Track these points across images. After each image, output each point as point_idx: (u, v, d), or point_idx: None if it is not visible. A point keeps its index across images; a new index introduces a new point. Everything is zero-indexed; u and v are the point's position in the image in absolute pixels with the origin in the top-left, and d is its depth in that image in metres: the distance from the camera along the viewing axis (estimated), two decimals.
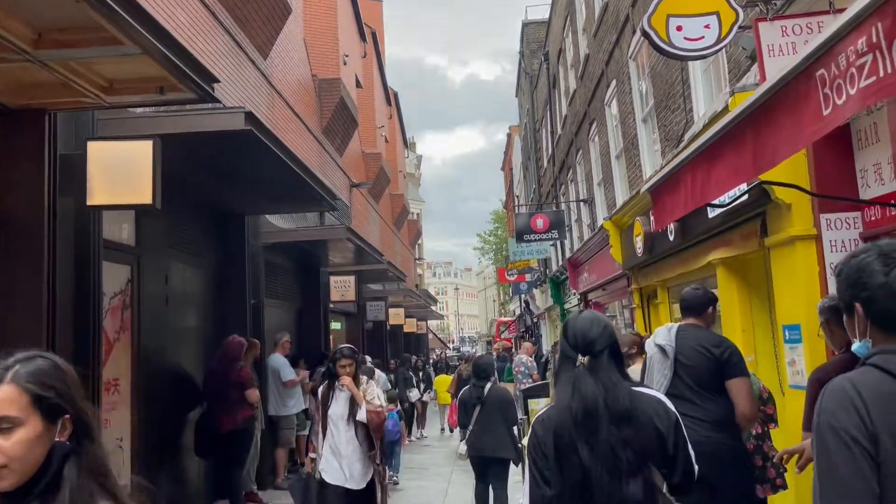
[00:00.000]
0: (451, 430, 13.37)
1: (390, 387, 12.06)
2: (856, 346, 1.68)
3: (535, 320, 30.17)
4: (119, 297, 6.25)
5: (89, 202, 5.09)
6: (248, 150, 6.08)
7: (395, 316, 20.90)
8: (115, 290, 6.20)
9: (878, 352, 1.54)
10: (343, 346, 5.43)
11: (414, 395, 13.59)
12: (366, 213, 18.67)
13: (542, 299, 26.79)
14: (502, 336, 34.61)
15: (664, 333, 4.03)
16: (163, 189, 5.08)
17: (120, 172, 5.09)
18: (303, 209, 10.84)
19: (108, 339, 5.96)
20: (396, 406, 9.86)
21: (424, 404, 15.04)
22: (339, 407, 5.21)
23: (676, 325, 4.09)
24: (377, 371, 9.79)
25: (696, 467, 2.28)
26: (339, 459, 5.14)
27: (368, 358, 10.44)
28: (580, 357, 2.28)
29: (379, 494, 5.35)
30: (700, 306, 4.06)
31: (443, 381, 14.75)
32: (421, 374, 16.91)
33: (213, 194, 7.92)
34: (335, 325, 15.86)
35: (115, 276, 6.16)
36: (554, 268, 21.30)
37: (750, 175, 2.88)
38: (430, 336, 39.89)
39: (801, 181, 4.64)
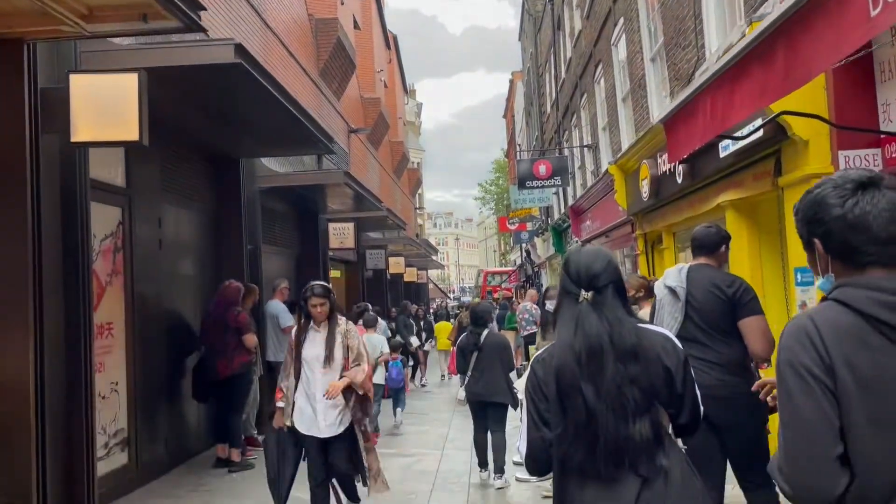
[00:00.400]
0: (450, 377, 13.41)
1: (391, 334, 11.99)
2: (819, 282, 1.65)
3: (535, 269, 30.12)
4: (110, 240, 6.07)
5: (73, 139, 4.88)
6: (238, 86, 5.82)
7: (395, 265, 20.76)
8: (106, 233, 6.02)
9: (838, 286, 1.54)
10: (315, 283, 4.75)
11: (414, 342, 13.55)
12: (364, 160, 18.36)
13: (543, 248, 26.67)
14: (502, 286, 34.49)
15: (674, 274, 3.86)
16: (153, 130, 4.87)
17: (105, 107, 4.86)
18: (299, 152, 10.58)
19: (99, 283, 5.82)
20: (399, 355, 9.80)
21: (426, 353, 15.02)
22: (313, 348, 4.62)
23: (687, 265, 3.91)
24: (379, 319, 9.69)
25: (702, 408, 2.18)
26: (313, 406, 4.59)
27: (369, 305, 10.32)
28: (583, 293, 2.13)
29: (361, 443, 4.70)
30: (712, 245, 3.88)
31: (443, 329, 14.71)
32: (422, 322, 16.85)
33: (206, 136, 7.67)
34: (335, 274, 15.74)
35: (105, 218, 5.98)
36: (556, 216, 21.10)
37: (779, 94, 2.66)
38: (431, 286, 39.85)
39: (821, 114, 4.40)
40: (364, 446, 4.68)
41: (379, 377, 8.79)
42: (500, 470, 6.15)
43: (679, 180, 7.24)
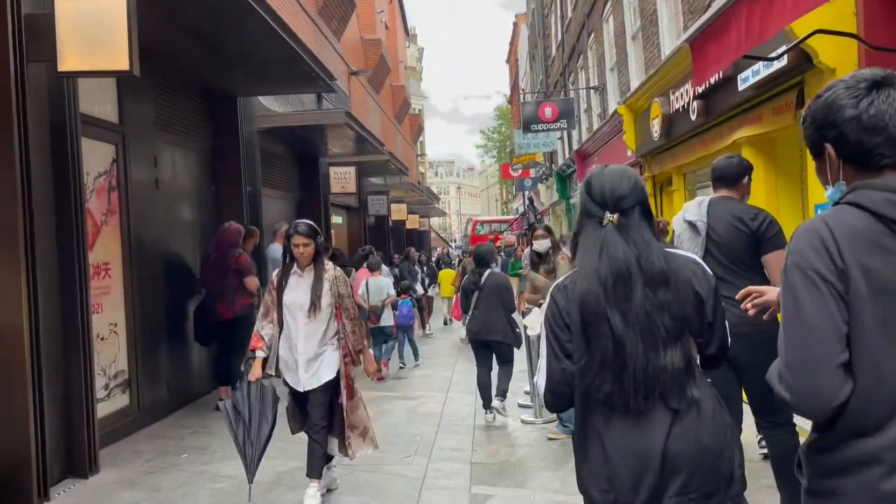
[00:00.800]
0: (452, 321, 13.41)
1: (395, 281, 11.88)
2: (828, 192, 1.55)
3: (538, 217, 29.91)
4: (104, 178, 5.87)
5: (60, 68, 4.65)
6: (233, 13, 5.53)
7: (398, 211, 20.56)
8: (100, 171, 5.82)
9: (853, 189, 1.45)
10: (300, 221, 4.25)
11: (418, 290, 13.46)
12: (365, 104, 17.97)
13: (546, 195, 26.44)
14: (504, 234, 34.18)
15: (694, 208, 3.67)
16: (146, 63, 4.63)
17: (93, 34, 4.62)
18: (298, 90, 10.26)
19: (94, 222, 5.64)
20: (408, 296, 9.82)
21: (430, 299, 14.95)
22: (296, 294, 4.16)
23: (707, 198, 3.72)
24: (382, 266, 9.59)
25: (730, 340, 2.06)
26: (295, 358, 4.16)
27: (373, 248, 10.20)
28: (607, 215, 1.96)
29: (345, 401, 4.20)
30: (734, 176, 3.67)
31: (446, 275, 14.60)
32: (425, 268, 16.74)
33: (202, 72, 7.40)
34: (336, 220, 15.57)
35: (98, 155, 5.77)
36: (560, 161, 20.79)
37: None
38: (433, 235, 39.66)
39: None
40: (348, 404, 4.21)
41: (387, 319, 8.81)
42: (501, 393, 6.20)
43: (693, 117, 6.99)
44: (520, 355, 6.55)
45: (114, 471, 4.97)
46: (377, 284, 8.75)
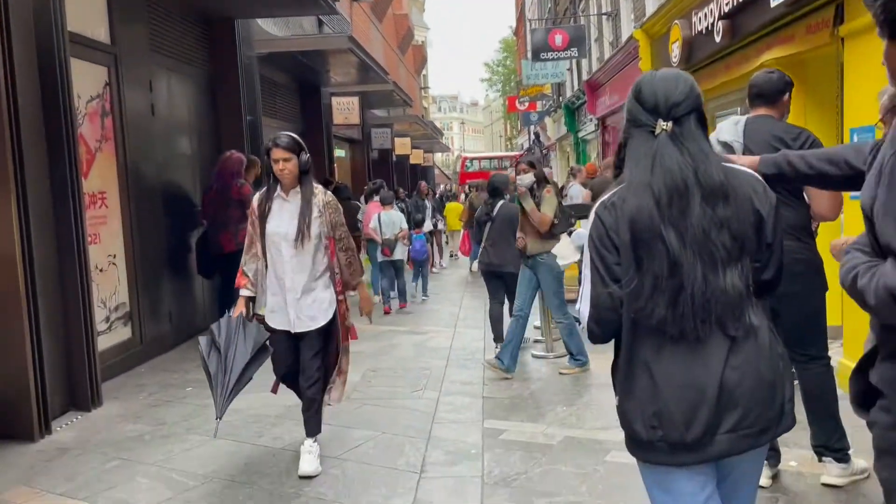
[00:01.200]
0: (458, 256, 13.30)
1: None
2: None
3: (544, 152, 29.44)
4: (97, 102, 5.58)
5: None
6: None
7: (402, 146, 20.17)
8: (92, 94, 5.52)
9: None
10: (282, 133, 3.66)
11: (427, 226, 13.26)
12: (367, 32, 17.37)
13: (553, 129, 25.94)
14: (506, 169, 33.63)
15: (730, 128, 3.40)
16: None
17: None
18: (298, 12, 9.78)
19: (88, 148, 5.39)
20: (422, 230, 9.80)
21: (440, 233, 14.77)
22: (281, 222, 3.57)
23: (743, 117, 3.45)
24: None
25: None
26: (283, 296, 3.62)
27: (384, 182, 10.05)
28: (660, 123, 1.75)
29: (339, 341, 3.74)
30: (774, 92, 3.40)
31: (453, 209, 14.38)
32: (431, 202, 16.46)
33: None
34: (339, 153, 15.24)
35: (89, 77, 5.47)
36: (569, 93, 20.24)
37: None
38: (437, 171, 39.12)
39: None
40: (342, 347, 3.77)
41: (400, 253, 8.76)
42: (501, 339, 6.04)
43: (717, 39, 6.60)
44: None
45: (117, 404, 4.86)
46: (390, 218, 8.69)
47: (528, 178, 5.35)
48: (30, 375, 4.17)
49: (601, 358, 5.41)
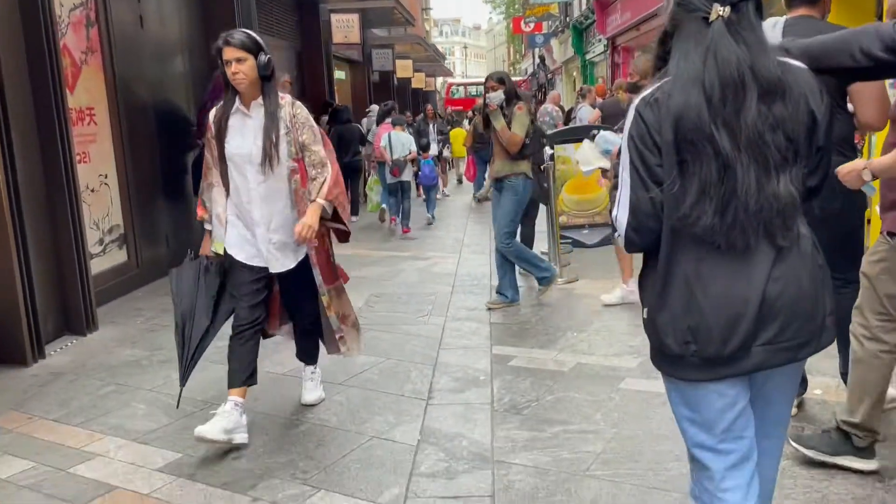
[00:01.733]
0: (463, 181, 13.09)
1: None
2: None
3: (549, 77, 28.70)
4: (80, 11, 5.22)
5: None
6: None
7: (403, 68, 19.56)
8: (75, 2, 5.16)
9: None
10: (235, 30, 3.07)
11: (433, 150, 12.95)
12: None
13: (559, 51, 25.18)
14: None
15: (768, 30, 3.08)
16: None
17: None
18: None
19: (73, 61, 5.07)
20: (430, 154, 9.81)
21: (446, 160, 14.47)
22: (244, 142, 2.99)
23: (782, 18, 3.14)
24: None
25: None
26: (251, 230, 3.08)
27: (395, 105, 9.89)
28: (717, 7, 1.53)
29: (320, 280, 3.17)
30: None
31: (458, 135, 14.01)
32: (436, 127, 16.02)
33: None
34: (339, 75, 14.74)
35: None
36: (577, 13, 19.50)
37: None
38: (439, 96, 38.27)
39: None
40: (332, 287, 3.25)
41: (407, 175, 8.74)
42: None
43: None
44: (539, 217, 6.16)
45: (113, 328, 4.73)
46: (400, 139, 8.63)
47: (497, 96, 4.97)
48: (19, 298, 4.00)
49: (609, 285, 5.24)
